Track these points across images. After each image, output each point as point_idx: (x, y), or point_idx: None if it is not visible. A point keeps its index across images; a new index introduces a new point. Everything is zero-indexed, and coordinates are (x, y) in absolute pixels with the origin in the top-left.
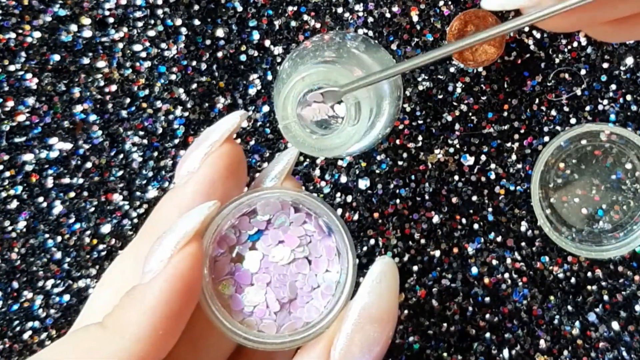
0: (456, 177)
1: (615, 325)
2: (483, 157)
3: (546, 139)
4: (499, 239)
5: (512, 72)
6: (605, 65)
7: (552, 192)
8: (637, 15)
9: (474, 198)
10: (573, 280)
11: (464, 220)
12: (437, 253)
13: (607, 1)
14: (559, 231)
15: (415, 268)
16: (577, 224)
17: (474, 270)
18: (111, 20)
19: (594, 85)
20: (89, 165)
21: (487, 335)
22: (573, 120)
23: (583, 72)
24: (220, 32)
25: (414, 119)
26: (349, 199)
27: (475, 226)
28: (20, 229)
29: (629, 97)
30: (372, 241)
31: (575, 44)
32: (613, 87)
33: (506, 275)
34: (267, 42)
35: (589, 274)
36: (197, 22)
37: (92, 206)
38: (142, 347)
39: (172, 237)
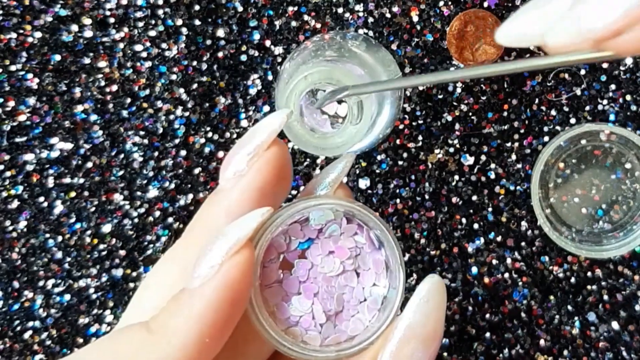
0: (456, 177)
1: (615, 325)
2: (483, 157)
3: (546, 139)
4: (499, 239)
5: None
6: (605, 65)
7: (552, 192)
8: None
9: (474, 198)
10: (573, 280)
11: (464, 220)
12: (437, 253)
13: None
14: (559, 231)
15: (415, 268)
16: (577, 223)
17: (474, 270)
18: (112, 20)
19: (593, 85)
20: (89, 165)
21: (487, 335)
22: (573, 120)
23: (583, 72)
24: (220, 32)
25: (414, 119)
26: None
27: (475, 226)
28: (21, 229)
29: (628, 97)
30: None
31: None
32: (613, 87)
33: (506, 275)
34: (268, 42)
35: (589, 273)
36: (197, 22)
37: (93, 206)
38: (187, 354)
39: (224, 242)
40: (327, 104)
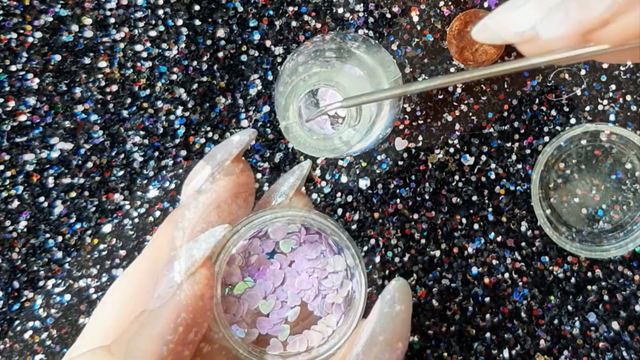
0: (456, 177)
1: (615, 325)
2: (483, 157)
3: (546, 139)
4: (499, 239)
5: (512, 72)
6: (605, 65)
7: (552, 192)
8: None
9: (474, 198)
10: (573, 280)
11: (464, 220)
12: (437, 253)
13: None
14: (559, 231)
15: (415, 268)
16: (577, 224)
17: (474, 270)
18: (112, 20)
19: (594, 86)
20: (89, 165)
21: (487, 335)
22: (573, 120)
23: (583, 72)
24: (221, 32)
25: (414, 119)
26: (350, 198)
27: (475, 226)
28: (21, 229)
29: (628, 98)
30: (373, 241)
31: None
32: (613, 87)
33: (506, 275)
34: (268, 43)
35: (589, 274)
36: (198, 22)
37: (93, 206)
38: None
39: (182, 263)
40: (316, 116)
